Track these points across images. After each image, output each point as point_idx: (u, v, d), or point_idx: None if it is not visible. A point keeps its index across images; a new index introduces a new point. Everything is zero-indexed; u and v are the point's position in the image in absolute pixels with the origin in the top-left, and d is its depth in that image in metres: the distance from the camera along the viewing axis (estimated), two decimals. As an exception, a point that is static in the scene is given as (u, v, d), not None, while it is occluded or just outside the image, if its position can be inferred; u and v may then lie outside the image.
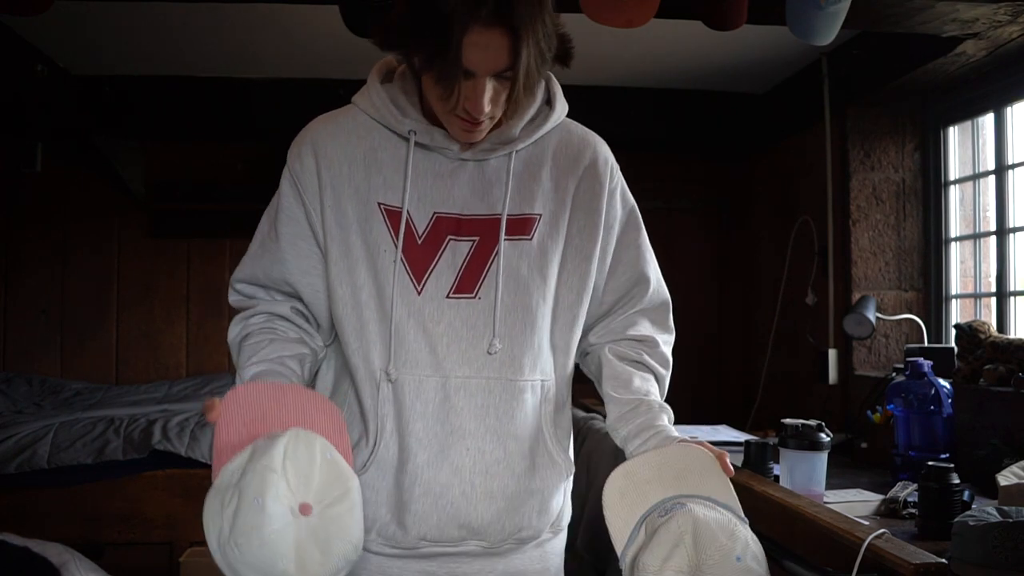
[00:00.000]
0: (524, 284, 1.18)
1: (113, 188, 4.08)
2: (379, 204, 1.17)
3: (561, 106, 1.25)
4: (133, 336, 4.19)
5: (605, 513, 1.11)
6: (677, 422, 1.21)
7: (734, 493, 1.09)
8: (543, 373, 1.21)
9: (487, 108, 1.09)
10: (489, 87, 1.08)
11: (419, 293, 1.16)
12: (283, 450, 0.98)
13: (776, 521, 1.60)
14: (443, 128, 1.16)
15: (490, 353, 1.16)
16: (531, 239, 1.19)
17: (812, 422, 1.80)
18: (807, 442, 1.77)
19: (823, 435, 1.78)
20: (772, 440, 1.98)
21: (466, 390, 1.16)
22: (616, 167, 1.29)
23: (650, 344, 1.28)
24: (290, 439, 0.99)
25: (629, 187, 1.32)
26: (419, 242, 1.16)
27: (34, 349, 4.12)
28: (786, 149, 3.74)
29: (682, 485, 1.09)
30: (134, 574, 3.00)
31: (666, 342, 1.31)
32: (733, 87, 3.74)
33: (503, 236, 1.17)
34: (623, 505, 1.11)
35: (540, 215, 1.20)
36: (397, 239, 1.15)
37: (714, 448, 1.12)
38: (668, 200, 4.22)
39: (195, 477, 3.07)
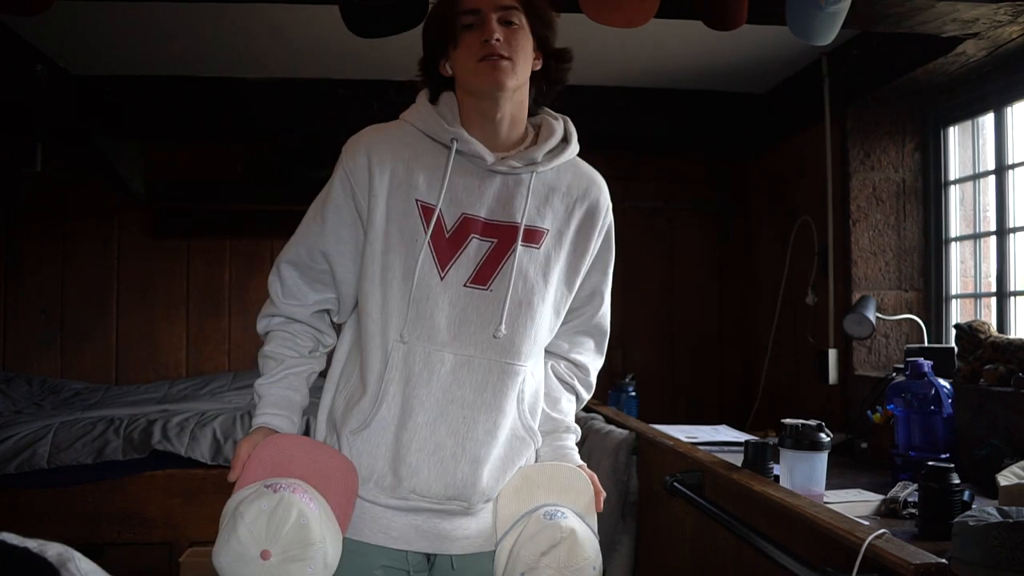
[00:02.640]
0: (530, 285, 1.39)
1: (113, 188, 4.08)
2: (417, 200, 1.37)
3: (575, 145, 1.47)
4: (133, 336, 4.19)
5: (498, 502, 1.37)
6: (677, 422, 1.30)
7: (595, 516, 1.37)
8: (536, 364, 1.44)
9: (497, 36, 1.32)
10: (497, 27, 1.33)
11: (442, 279, 1.35)
12: (269, 507, 1.24)
13: (776, 521, 1.60)
14: (479, 140, 1.37)
15: (495, 337, 1.35)
16: (539, 248, 1.41)
17: (812, 422, 1.80)
18: (807, 442, 1.77)
19: (823, 435, 1.78)
20: (772, 440, 1.98)
21: (469, 366, 1.35)
22: (610, 210, 1.50)
23: (584, 371, 1.55)
24: (276, 502, 1.24)
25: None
26: (446, 236, 1.36)
27: (34, 349, 4.13)
28: (786, 149, 3.74)
29: (563, 497, 1.35)
30: (134, 574, 3.00)
31: (595, 368, 1.58)
32: (733, 87, 3.75)
33: (520, 241, 1.38)
34: (515, 500, 1.36)
35: (548, 230, 1.42)
36: (427, 229, 1.35)
37: (596, 481, 1.40)
38: (668, 200, 4.22)
39: (195, 477, 3.08)
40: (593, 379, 1.58)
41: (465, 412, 1.34)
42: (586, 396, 1.57)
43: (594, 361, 1.57)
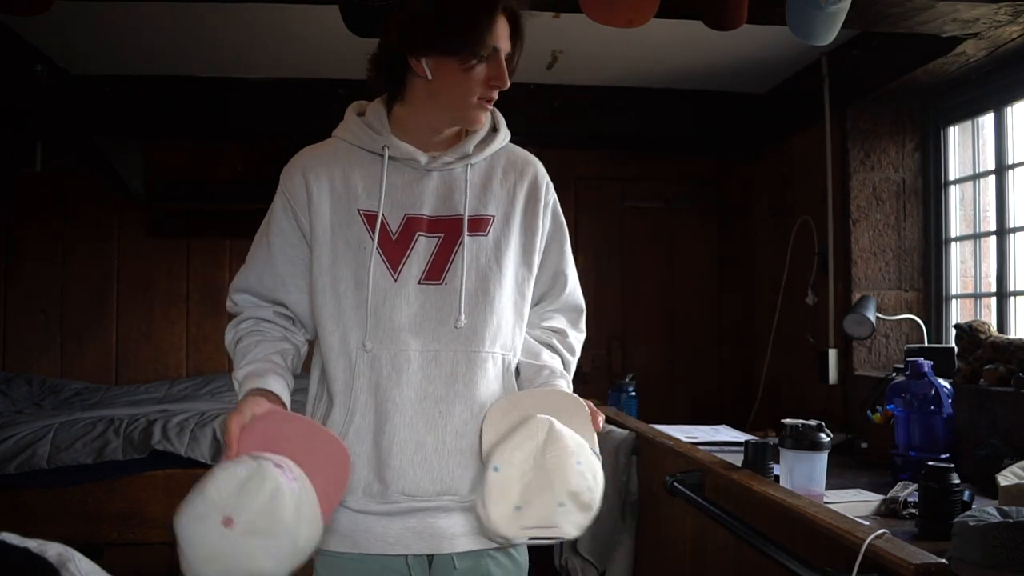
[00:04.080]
0: (483, 272, 1.41)
1: (113, 188, 4.09)
2: (359, 210, 1.39)
3: (504, 132, 1.49)
4: (133, 336, 4.19)
5: (484, 425, 1.34)
6: (677, 422, 1.27)
7: (595, 436, 1.34)
8: (503, 347, 1.42)
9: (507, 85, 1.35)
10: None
11: (395, 280, 1.37)
12: (245, 473, 1.18)
13: (776, 521, 1.60)
14: (409, 143, 1.40)
15: (456, 328, 1.37)
16: (487, 235, 1.43)
17: (812, 422, 1.80)
18: (807, 442, 1.77)
19: (823, 435, 1.78)
20: (772, 440, 1.98)
21: (436, 361, 1.36)
22: (550, 185, 1.52)
23: (561, 334, 1.53)
24: (254, 471, 1.18)
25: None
26: (393, 239, 1.38)
27: (34, 349, 4.13)
28: (786, 149, 3.74)
29: (555, 418, 1.31)
30: (134, 574, 3.00)
31: (576, 337, 1.55)
32: (733, 87, 3.75)
33: (466, 232, 1.40)
34: (502, 421, 1.33)
35: (494, 216, 1.44)
36: (373, 234, 1.37)
37: (591, 405, 1.37)
38: (668, 200, 4.22)
39: (195, 477, 3.02)
40: (575, 344, 1.55)
41: (440, 406, 1.35)
42: (569, 357, 1.54)
43: (571, 330, 1.55)
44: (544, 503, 1.26)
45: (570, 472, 1.26)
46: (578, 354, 1.56)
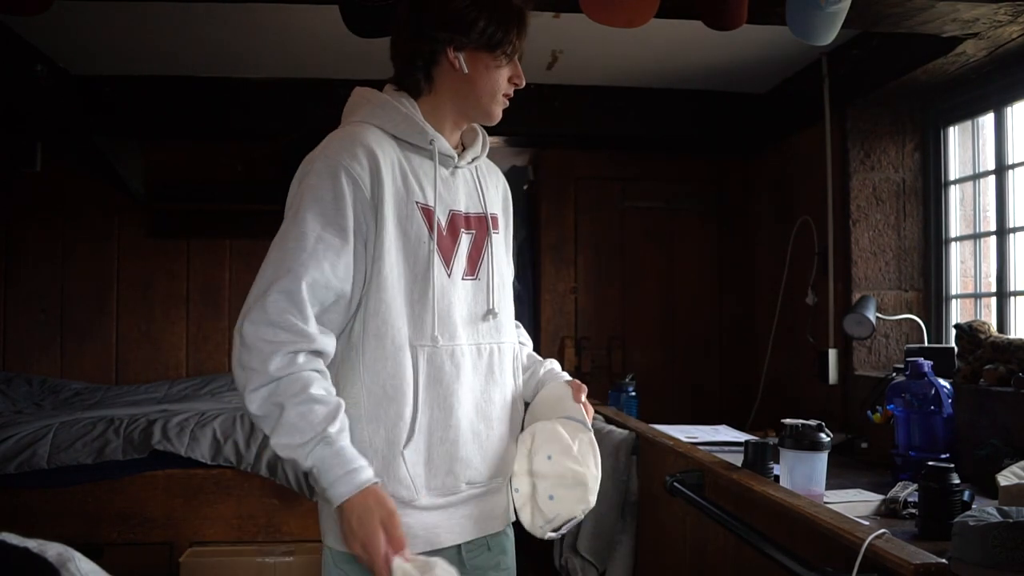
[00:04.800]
0: (500, 266, 1.51)
1: (113, 188, 4.09)
2: (416, 203, 1.38)
3: (486, 135, 1.57)
4: (133, 336, 4.19)
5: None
6: (677, 422, 1.29)
7: (583, 410, 1.48)
8: (513, 336, 1.54)
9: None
10: None
11: (449, 276, 1.41)
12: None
13: (776, 521, 1.60)
14: (445, 138, 1.44)
15: (491, 321, 1.46)
16: (499, 232, 1.53)
17: (812, 422, 1.79)
18: (807, 442, 1.77)
19: (823, 435, 1.78)
20: (772, 440, 1.98)
21: (479, 353, 1.44)
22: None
23: (527, 345, 1.67)
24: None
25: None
26: (443, 234, 1.41)
27: (34, 349, 4.13)
28: (786, 149, 3.74)
29: (557, 409, 1.48)
30: (134, 574, 3.00)
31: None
32: (733, 87, 3.74)
33: (492, 229, 1.49)
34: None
35: (497, 214, 1.54)
36: (432, 232, 1.39)
37: (574, 381, 1.52)
38: (668, 200, 4.22)
39: (195, 477, 3.07)
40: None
41: (485, 395, 1.44)
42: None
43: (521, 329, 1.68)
44: (542, 503, 1.42)
45: (545, 466, 1.41)
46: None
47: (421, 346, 1.36)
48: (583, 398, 1.48)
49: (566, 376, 1.59)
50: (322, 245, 1.28)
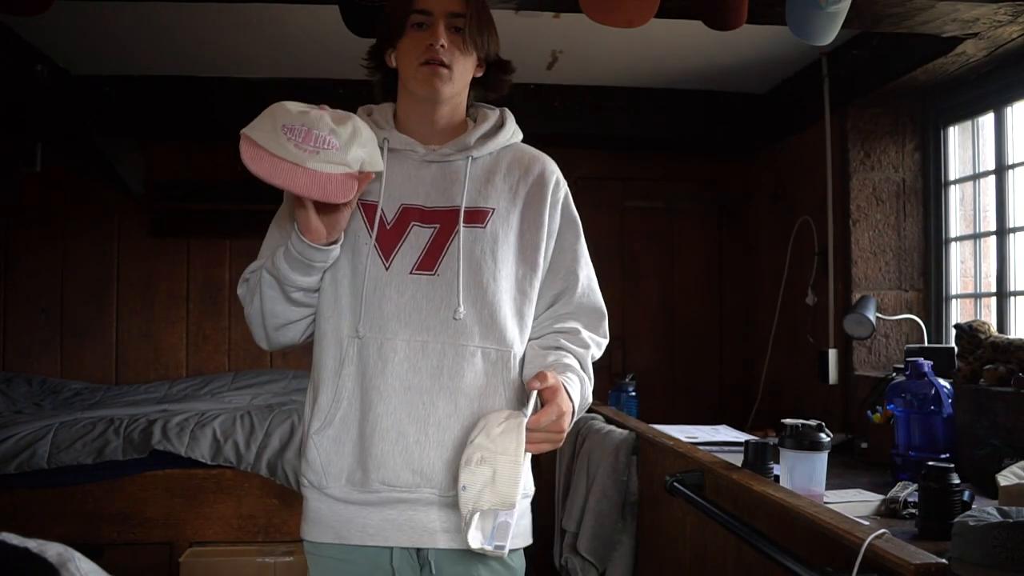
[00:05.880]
0: (477, 264, 1.39)
1: (113, 188, 4.08)
2: (360, 201, 1.39)
3: (511, 129, 1.50)
4: (133, 336, 4.18)
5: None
6: (677, 422, 1.26)
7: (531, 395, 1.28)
8: (499, 342, 1.39)
9: (443, 42, 1.36)
10: (443, 33, 1.36)
11: (387, 269, 1.38)
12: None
13: (776, 521, 1.60)
14: (410, 136, 1.43)
15: (455, 319, 1.37)
16: (484, 227, 1.41)
17: (812, 422, 1.79)
18: (807, 442, 1.77)
19: (823, 435, 1.78)
20: (772, 440, 1.98)
21: (423, 352, 1.36)
22: (562, 183, 1.52)
23: (572, 333, 1.47)
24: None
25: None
26: (387, 228, 1.40)
27: (34, 349, 4.12)
28: (786, 149, 3.74)
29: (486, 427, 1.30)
30: (134, 574, 3.00)
31: (592, 339, 1.49)
32: (733, 87, 3.75)
33: (462, 223, 1.39)
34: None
35: (494, 209, 1.43)
36: (372, 228, 1.39)
37: (542, 371, 1.31)
38: (668, 200, 4.22)
39: (195, 477, 3.08)
40: (589, 341, 1.48)
41: (424, 398, 1.35)
42: (581, 350, 1.45)
43: (587, 332, 1.48)
44: (460, 498, 1.26)
45: (465, 452, 1.27)
46: (594, 351, 1.49)
47: (351, 338, 1.37)
48: (538, 385, 1.27)
49: (571, 361, 1.42)
50: (271, 235, 1.47)
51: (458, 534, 1.34)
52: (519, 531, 1.39)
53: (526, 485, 1.40)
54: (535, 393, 1.29)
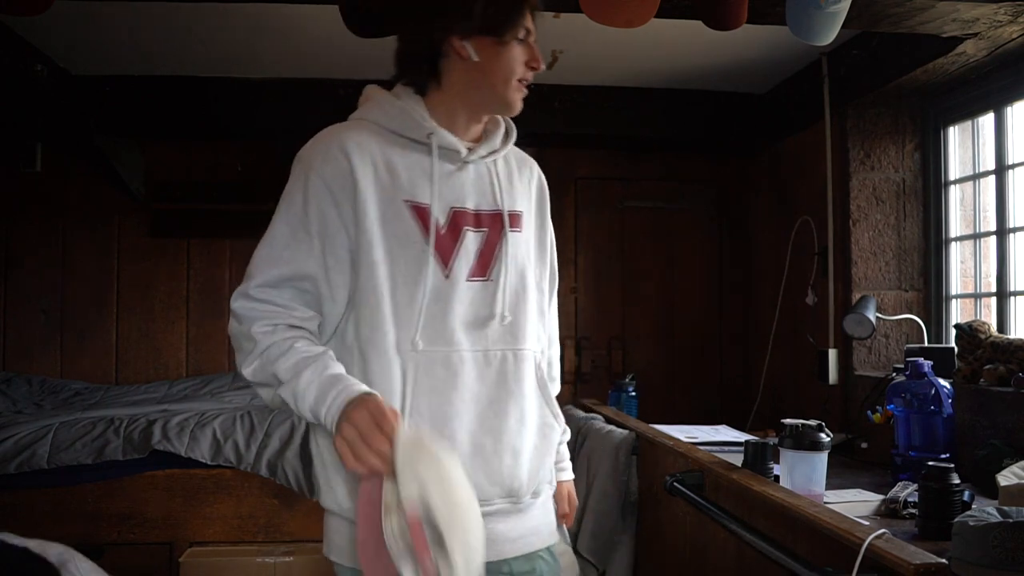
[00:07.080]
0: (520, 267, 1.41)
1: (113, 188, 4.08)
2: (405, 201, 1.32)
3: (513, 129, 1.49)
4: (133, 336, 4.18)
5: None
6: (678, 422, 1.27)
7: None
8: (533, 342, 1.43)
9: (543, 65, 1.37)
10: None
11: (447, 278, 1.33)
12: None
13: (776, 521, 1.60)
14: (450, 131, 1.36)
15: (502, 324, 1.36)
16: (521, 231, 1.43)
17: (812, 422, 1.80)
18: (807, 442, 1.77)
19: (823, 435, 1.78)
20: (772, 440, 1.98)
21: (486, 360, 1.34)
22: (545, 183, 1.56)
23: (554, 366, 1.58)
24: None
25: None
26: (441, 233, 1.33)
27: (34, 349, 4.12)
28: (786, 149, 3.74)
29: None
30: (134, 574, 3.00)
31: (557, 353, 1.60)
32: (733, 87, 3.75)
33: (508, 227, 1.39)
34: None
35: (523, 211, 1.44)
36: (428, 232, 1.31)
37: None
38: (668, 200, 4.22)
39: (195, 477, 3.07)
40: (556, 363, 1.60)
41: (495, 407, 1.33)
42: (558, 388, 1.56)
43: (555, 364, 1.60)
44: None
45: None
46: (558, 384, 1.57)
47: (409, 352, 1.29)
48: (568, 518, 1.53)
49: (568, 474, 1.57)
50: (288, 252, 1.32)
51: (532, 537, 1.40)
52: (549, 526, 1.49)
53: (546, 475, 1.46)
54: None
